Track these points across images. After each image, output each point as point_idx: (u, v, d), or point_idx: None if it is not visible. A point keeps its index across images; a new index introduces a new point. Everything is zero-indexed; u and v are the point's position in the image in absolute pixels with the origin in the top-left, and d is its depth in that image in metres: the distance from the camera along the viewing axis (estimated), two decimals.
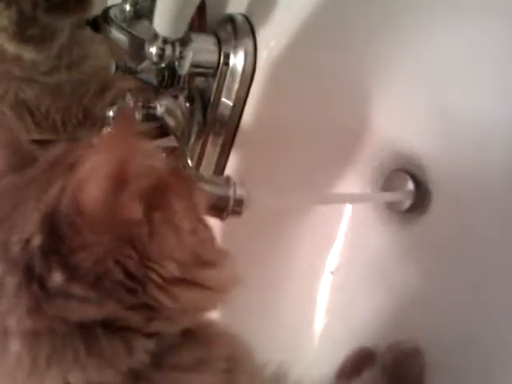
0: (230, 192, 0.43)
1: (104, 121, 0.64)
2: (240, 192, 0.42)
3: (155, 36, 0.47)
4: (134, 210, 0.25)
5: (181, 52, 0.48)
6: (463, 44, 0.46)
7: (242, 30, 0.51)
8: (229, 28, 0.52)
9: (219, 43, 0.51)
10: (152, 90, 0.61)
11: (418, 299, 0.52)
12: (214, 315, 0.32)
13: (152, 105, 0.52)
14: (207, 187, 0.44)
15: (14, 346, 0.24)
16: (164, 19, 0.45)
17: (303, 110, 0.54)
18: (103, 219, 0.24)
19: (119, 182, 0.23)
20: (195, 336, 0.29)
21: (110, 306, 0.25)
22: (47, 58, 0.66)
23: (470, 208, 0.49)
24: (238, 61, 0.50)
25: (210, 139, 0.54)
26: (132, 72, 0.56)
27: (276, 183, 0.55)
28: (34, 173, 0.29)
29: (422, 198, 0.53)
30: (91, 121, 0.71)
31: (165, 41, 0.47)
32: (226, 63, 0.50)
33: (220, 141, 0.54)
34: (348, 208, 0.60)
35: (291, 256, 0.62)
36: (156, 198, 0.27)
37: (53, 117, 0.68)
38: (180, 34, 0.47)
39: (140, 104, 0.53)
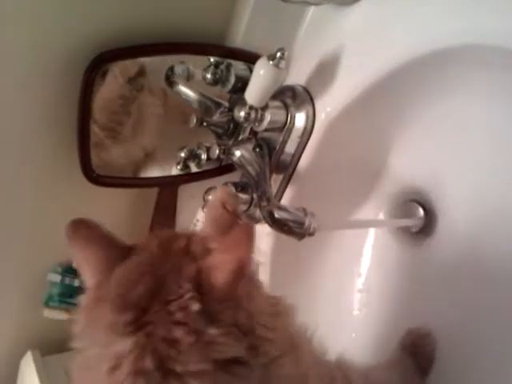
0: (307, 220, 0.58)
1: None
2: (315, 222, 0.58)
3: (244, 103, 0.63)
4: (241, 289, 0.36)
5: (261, 115, 0.63)
6: (452, 113, 0.63)
7: (302, 97, 0.66)
8: (290, 95, 0.67)
9: (286, 108, 0.67)
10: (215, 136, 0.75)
11: (426, 300, 0.67)
12: None
13: (231, 151, 0.67)
14: (288, 215, 0.60)
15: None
16: (254, 94, 0.61)
17: (343, 157, 0.70)
18: (227, 295, 0.35)
19: (238, 275, 0.35)
20: None
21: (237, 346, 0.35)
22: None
23: (468, 229, 0.66)
24: (300, 121, 0.66)
25: (273, 177, 0.70)
26: (208, 124, 0.71)
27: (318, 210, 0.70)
28: (147, 256, 0.39)
29: (430, 221, 0.70)
30: None
31: (251, 107, 0.62)
32: (292, 123, 0.66)
33: (280, 179, 0.70)
34: (371, 231, 0.77)
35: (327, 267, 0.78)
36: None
37: None
38: (264, 104, 0.62)
39: (222, 151, 0.68)
